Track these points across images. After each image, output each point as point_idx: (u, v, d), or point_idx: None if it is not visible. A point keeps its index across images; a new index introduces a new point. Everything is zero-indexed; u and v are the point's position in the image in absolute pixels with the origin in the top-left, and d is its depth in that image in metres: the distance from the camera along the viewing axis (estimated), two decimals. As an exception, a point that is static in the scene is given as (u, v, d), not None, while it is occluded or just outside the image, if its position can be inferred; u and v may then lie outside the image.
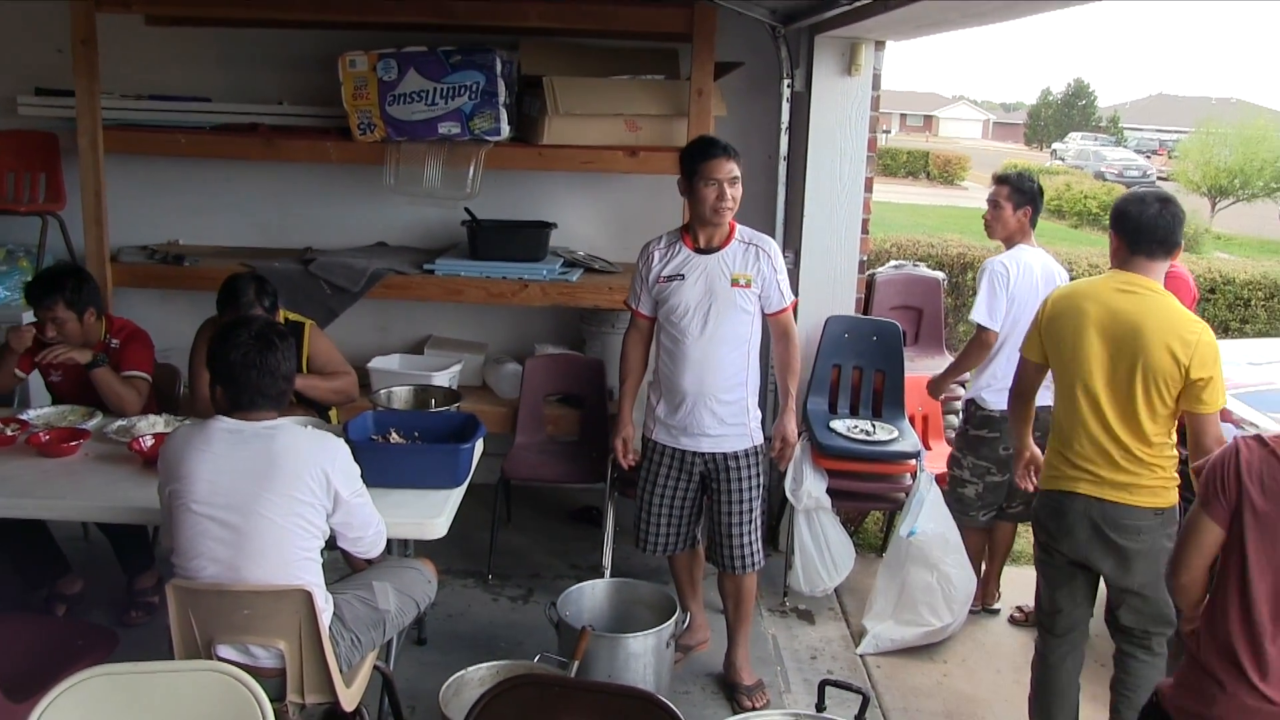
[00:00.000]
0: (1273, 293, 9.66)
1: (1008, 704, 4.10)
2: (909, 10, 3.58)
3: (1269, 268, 10.07)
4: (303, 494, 2.81)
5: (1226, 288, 9.68)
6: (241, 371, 2.84)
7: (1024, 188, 4.40)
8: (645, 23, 4.79)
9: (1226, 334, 9.24)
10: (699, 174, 3.60)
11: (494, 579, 4.79)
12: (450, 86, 4.75)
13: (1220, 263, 10.52)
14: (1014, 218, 4.39)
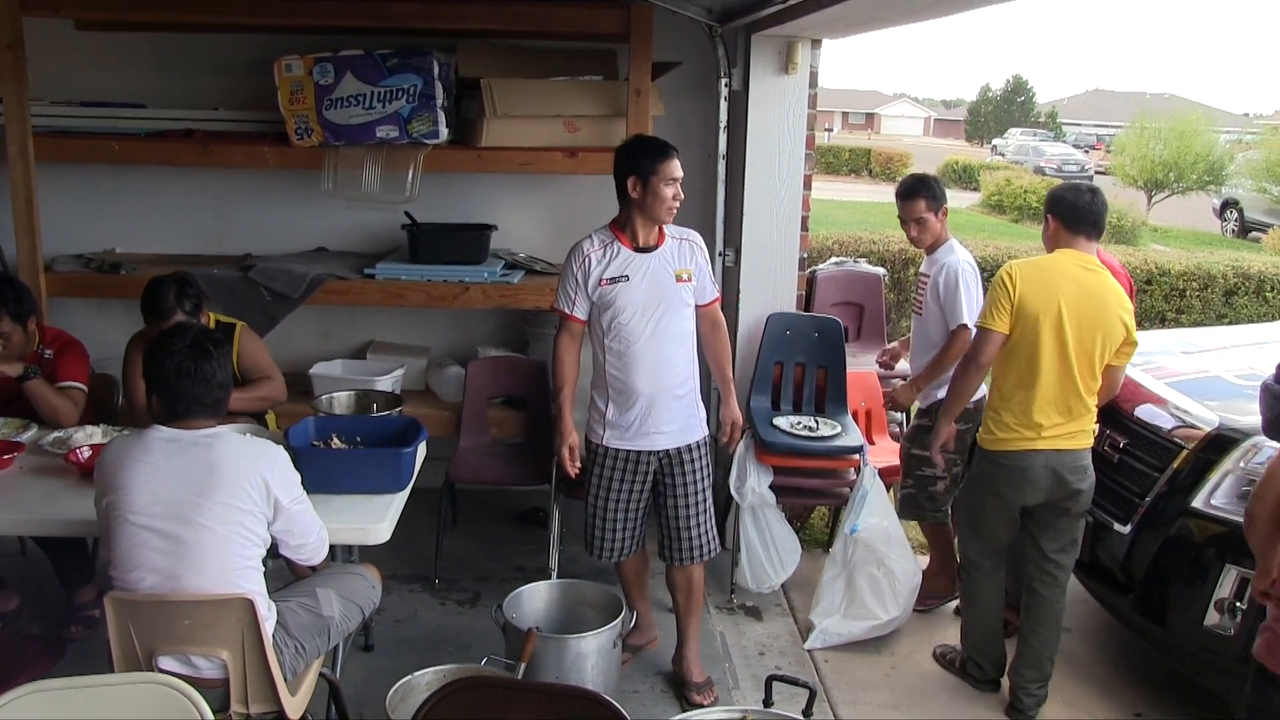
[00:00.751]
0: (1206, 283, 9.88)
1: (955, 694, 4.15)
2: (843, 8, 3.61)
3: (1202, 259, 10.29)
4: (243, 502, 2.79)
5: (1162, 279, 9.88)
6: (177, 380, 2.82)
7: (936, 192, 4.43)
8: (582, 24, 4.80)
9: (1163, 324, 9.45)
10: (657, 174, 3.59)
11: (440, 583, 4.78)
12: (387, 90, 4.72)
13: (1156, 255, 10.74)
14: (939, 221, 4.43)
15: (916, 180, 4.53)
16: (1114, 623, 4.44)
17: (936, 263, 4.41)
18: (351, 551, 3.91)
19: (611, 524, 3.91)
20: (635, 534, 3.97)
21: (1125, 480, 4.15)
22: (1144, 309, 9.72)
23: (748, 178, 4.87)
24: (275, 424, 4.36)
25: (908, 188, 4.45)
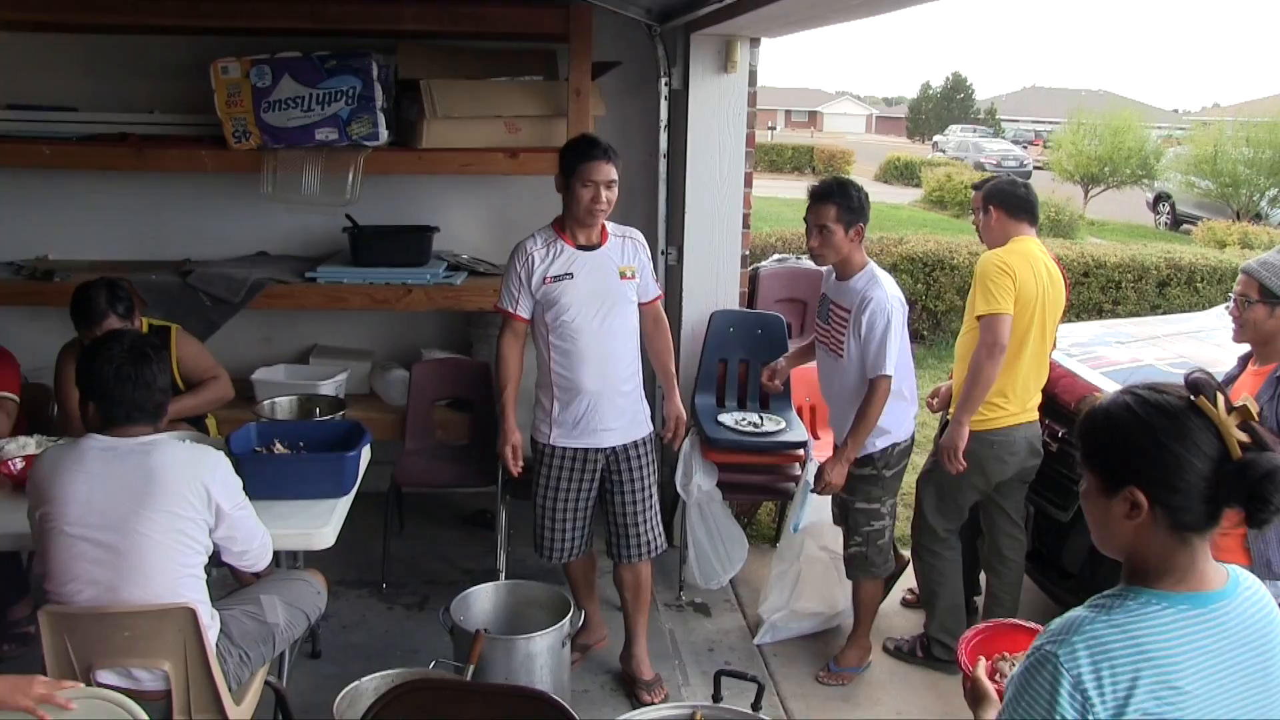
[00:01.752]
0: (1141, 275, 10.05)
1: (903, 686, 4.20)
2: (778, 7, 3.65)
3: (1136, 251, 10.47)
4: (183, 509, 2.75)
5: (1099, 271, 10.03)
6: (115, 386, 2.77)
7: (854, 204, 3.79)
8: (522, 24, 4.78)
9: (1100, 315, 9.58)
10: (576, 174, 3.61)
11: (388, 587, 4.75)
12: (326, 92, 4.68)
13: (1093, 248, 10.90)
14: (848, 241, 3.82)
15: (835, 183, 3.84)
16: (1058, 610, 4.50)
17: (857, 295, 3.79)
18: (296, 558, 3.88)
19: (560, 524, 3.91)
20: (583, 533, 3.97)
21: (1064, 469, 4.22)
22: (1082, 301, 9.88)
23: (689, 176, 4.90)
24: (217, 430, 4.31)
25: (823, 188, 3.81)
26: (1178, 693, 1.55)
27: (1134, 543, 1.64)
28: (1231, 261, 10.17)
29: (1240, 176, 21.38)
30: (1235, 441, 1.58)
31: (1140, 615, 1.59)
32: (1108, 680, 1.54)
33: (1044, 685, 1.58)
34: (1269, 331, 3.26)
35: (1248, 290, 3.28)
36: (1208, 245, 14.68)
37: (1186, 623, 1.59)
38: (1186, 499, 1.59)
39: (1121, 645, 1.56)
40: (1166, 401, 1.62)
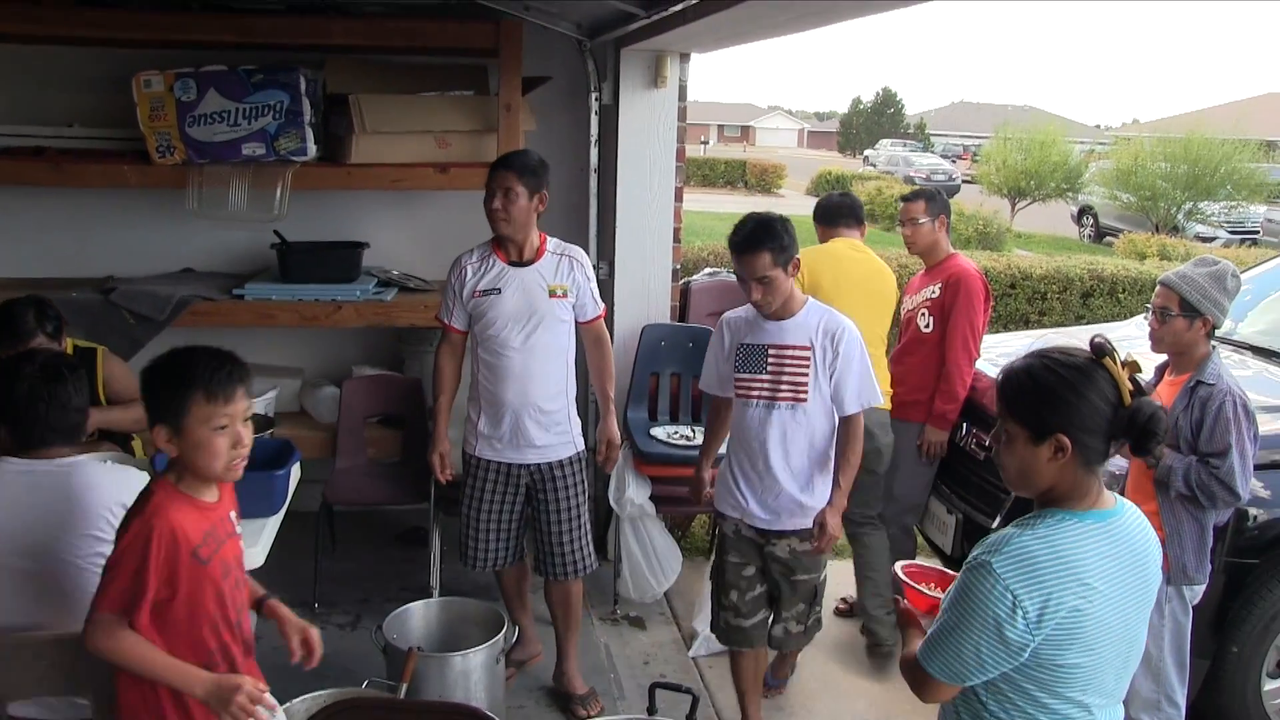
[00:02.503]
0: (1065, 286, 10.24)
1: (836, 692, 4.25)
2: (706, 23, 3.68)
3: (1061, 263, 10.66)
4: (105, 532, 2.69)
5: (1025, 283, 10.20)
6: (29, 407, 2.70)
7: (785, 240, 3.33)
8: (452, 38, 4.78)
9: (1027, 325, 9.76)
10: (488, 186, 3.68)
11: (320, 607, 4.69)
12: (253, 106, 4.63)
13: (1019, 259, 11.07)
14: (789, 277, 3.39)
15: (759, 227, 3.33)
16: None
17: (815, 327, 3.38)
18: (225, 579, 3.81)
19: (484, 533, 3.91)
20: (509, 545, 3.96)
21: (991, 476, 4.30)
22: (1009, 312, 10.04)
23: (619, 191, 4.92)
24: (143, 451, 4.23)
25: (749, 238, 3.30)
26: (1090, 589, 1.89)
27: (1054, 480, 1.97)
28: (1151, 273, 10.41)
29: (1159, 190, 21.96)
30: (1128, 390, 1.94)
31: (1059, 529, 1.93)
32: (1034, 584, 1.87)
33: (979, 589, 1.90)
34: (1187, 343, 3.36)
35: (1168, 303, 3.36)
36: (1129, 257, 15.01)
37: (1093, 533, 1.94)
38: (1096, 438, 1.93)
39: (1045, 553, 1.89)
40: (1078, 361, 1.97)
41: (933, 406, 4.45)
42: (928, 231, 4.50)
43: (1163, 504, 3.28)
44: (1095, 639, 1.92)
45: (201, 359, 2.36)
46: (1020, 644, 1.89)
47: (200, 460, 2.36)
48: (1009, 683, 1.97)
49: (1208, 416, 3.23)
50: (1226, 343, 4.72)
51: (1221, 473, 3.18)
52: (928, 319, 4.48)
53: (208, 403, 2.32)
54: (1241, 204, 22.30)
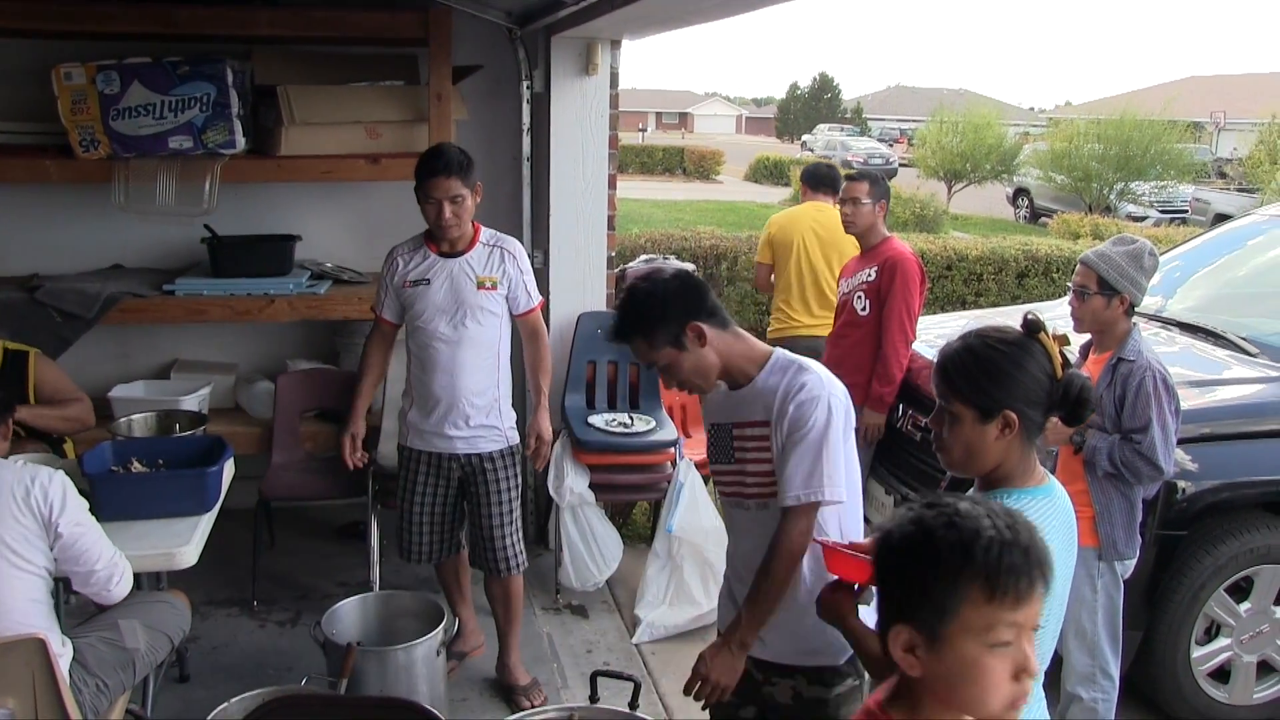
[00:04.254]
0: (1001, 267, 10.39)
1: (777, 675, 4.27)
2: (636, 8, 3.66)
3: (996, 244, 10.81)
4: (16, 532, 2.64)
5: (961, 264, 10.34)
6: None
7: (685, 307, 2.52)
8: (380, 28, 4.73)
9: (964, 306, 9.89)
10: (421, 190, 3.62)
11: (259, 604, 4.65)
12: (179, 99, 4.54)
13: (955, 241, 11.21)
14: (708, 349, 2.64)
15: (621, 316, 2.57)
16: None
17: (775, 390, 2.50)
18: (160, 579, 3.77)
19: (418, 525, 3.91)
20: (444, 538, 3.95)
21: (928, 457, 4.36)
22: (945, 294, 10.17)
23: (553, 179, 4.90)
24: (74, 452, 4.16)
25: (620, 326, 2.56)
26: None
27: (1000, 458, 1.99)
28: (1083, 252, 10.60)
29: (1091, 171, 22.29)
30: (1059, 364, 1.99)
31: (1021, 508, 1.77)
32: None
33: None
34: (1106, 321, 3.40)
35: (1086, 282, 3.41)
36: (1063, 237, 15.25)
37: (1046, 509, 1.96)
38: (1038, 412, 1.99)
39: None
40: (1014, 337, 2.01)
41: (870, 389, 4.49)
42: (868, 212, 4.55)
43: (1091, 483, 3.34)
44: (1049, 613, 1.91)
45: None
46: None
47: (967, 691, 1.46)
48: None
49: (1129, 392, 3.28)
50: (1156, 320, 4.81)
51: (1144, 448, 3.24)
52: (864, 302, 4.52)
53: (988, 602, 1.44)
54: (1171, 184, 22.71)
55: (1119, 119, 22.66)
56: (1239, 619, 3.91)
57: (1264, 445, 3.93)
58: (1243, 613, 3.91)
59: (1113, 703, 3.49)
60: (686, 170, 34.31)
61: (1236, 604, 3.90)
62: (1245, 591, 3.91)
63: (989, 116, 26.67)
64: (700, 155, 34.60)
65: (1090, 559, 3.35)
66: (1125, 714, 3.63)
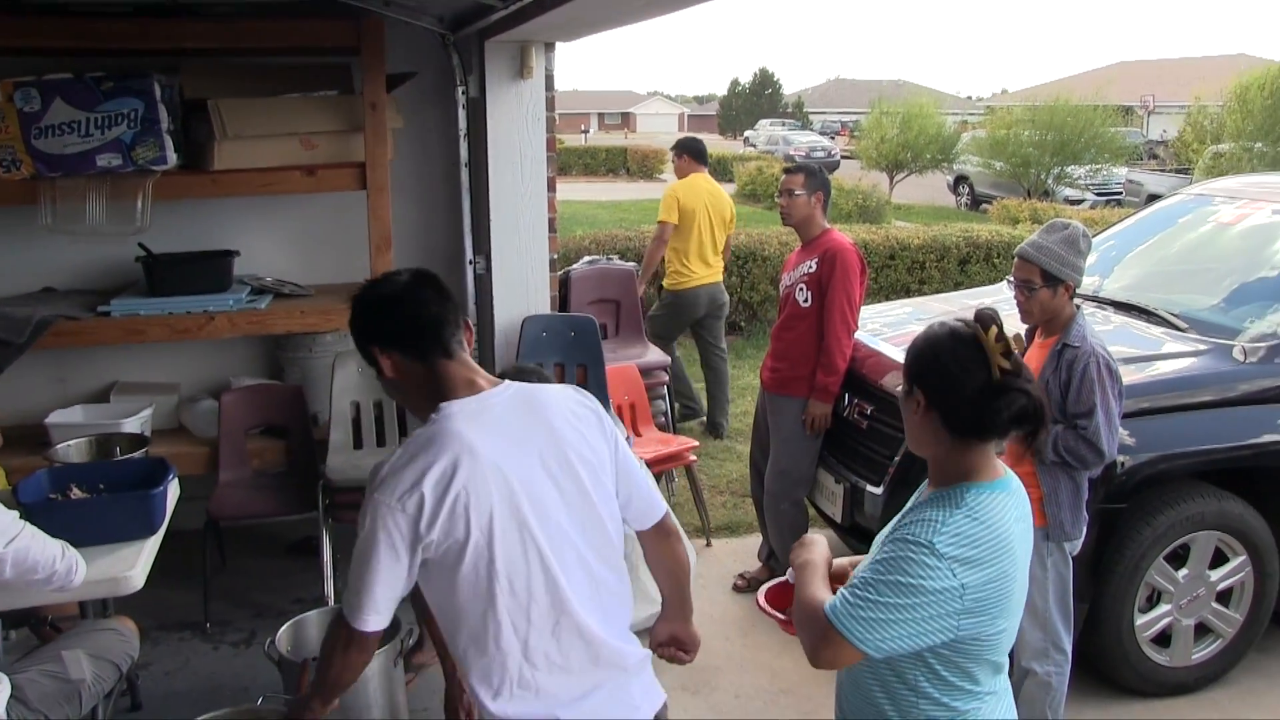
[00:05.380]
0: (943, 254, 10.51)
1: (739, 667, 4.29)
2: (566, 10, 3.66)
3: (937, 232, 10.93)
4: None
5: (904, 253, 10.44)
6: None
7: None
8: (311, 38, 4.68)
9: (908, 294, 9.97)
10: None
11: (212, 626, 4.58)
12: (105, 116, 4.45)
13: (897, 231, 11.31)
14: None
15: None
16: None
17: None
18: (107, 606, 3.70)
19: None
20: None
21: (875, 445, 4.39)
22: (890, 282, 10.25)
23: (491, 184, 4.88)
24: (6, 481, 4.07)
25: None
26: (1016, 557, 1.98)
27: (933, 445, 2.04)
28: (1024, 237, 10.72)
29: (1029, 157, 22.60)
30: (996, 366, 1.96)
31: (983, 504, 1.98)
32: (976, 561, 1.92)
33: (922, 569, 1.91)
34: (1053, 310, 3.44)
35: (1029, 276, 3.43)
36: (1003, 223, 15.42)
37: (1007, 502, 2.01)
38: (963, 407, 1.98)
39: (983, 532, 1.94)
40: (966, 330, 2.01)
41: (814, 380, 4.51)
42: (803, 204, 4.57)
43: (1038, 465, 3.37)
44: (1016, 603, 2.01)
45: None
46: (950, 623, 1.92)
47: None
48: (943, 661, 1.99)
49: (1074, 378, 3.32)
50: (1093, 300, 4.88)
51: (1089, 433, 3.28)
52: (806, 294, 4.54)
53: None
54: (1105, 167, 23.08)
55: (1053, 105, 22.99)
56: (1177, 585, 4.00)
57: (1196, 417, 4.02)
58: (1181, 579, 4.00)
59: (1065, 675, 3.55)
60: (630, 170, 34.32)
61: (1175, 571, 3.99)
62: (1182, 559, 4.00)
63: (927, 106, 26.94)
64: (643, 155, 34.60)
65: (1039, 538, 3.39)
66: (1074, 684, 3.68)
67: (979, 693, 2.04)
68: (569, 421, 2.22)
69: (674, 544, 2.50)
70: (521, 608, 2.11)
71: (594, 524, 2.20)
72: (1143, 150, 29.97)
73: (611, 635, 2.23)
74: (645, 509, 2.39)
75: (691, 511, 5.46)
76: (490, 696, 2.14)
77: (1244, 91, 19.91)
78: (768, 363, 4.76)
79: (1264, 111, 19.25)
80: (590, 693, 2.18)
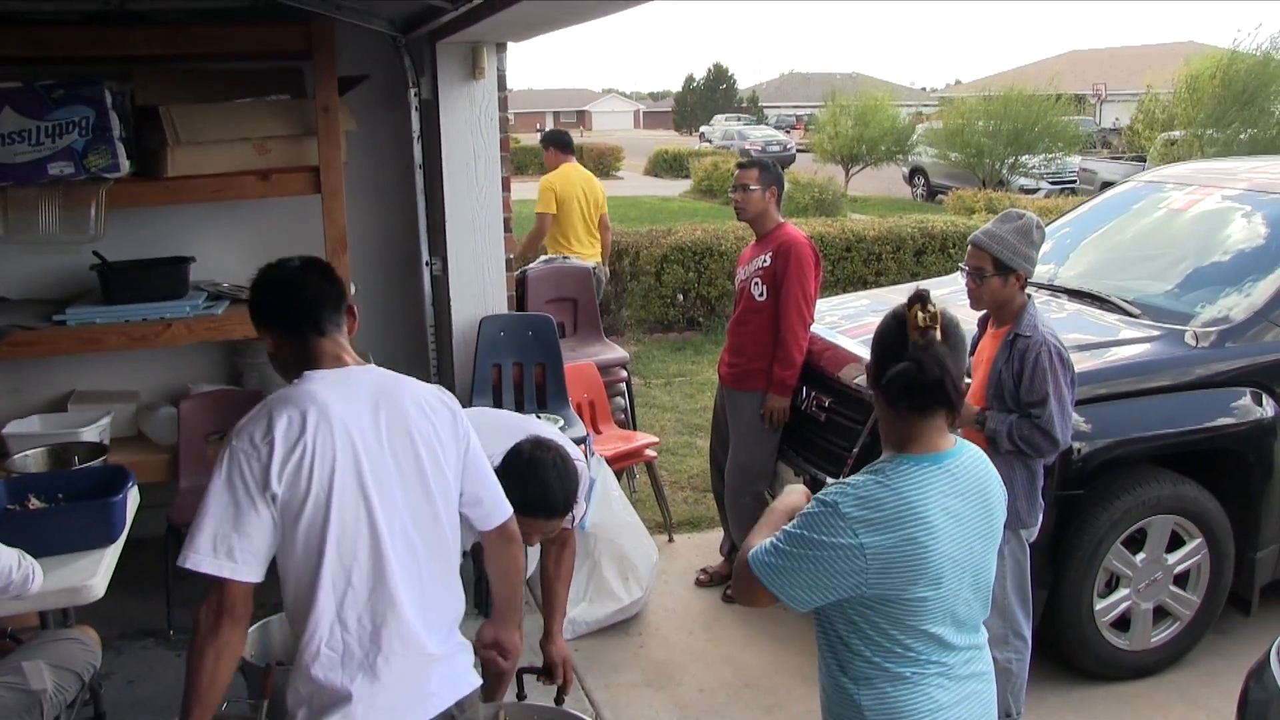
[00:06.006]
0: (898, 246, 10.60)
1: (702, 662, 4.33)
2: (514, 11, 3.68)
3: (893, 224, 11.03)
4: None
5: (860, 245, 10.52)
6: None
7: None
8: (261, 43, 4.66)
9: (865, 286, 10.06)
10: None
11: (175, 634, 4.56)
12: (56, 124, 4.42)
13: (853, 224, 11.40)
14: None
15: None
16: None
17: None
18: (68, 615, 3.68)
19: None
20: None
21: (833, 436, 4.44)
22: (847, 275, 10.34)
23: (446, 185, 4.89)
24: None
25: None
26: (931, 527, 2.08)
27: (892, 422, 2.19)
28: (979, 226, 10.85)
29: (984, 147, 22.82)
30: (911, 335, 2.11)
31: (899, 473, 2.12)
32: (875, 524, 2.06)
33: (825, 524, 2.09)
34: (1004, 299, 3.49)
35: (981, 263, 3.48)
36: (958, 213, 15.61)
37: (932, 474, 2.13)
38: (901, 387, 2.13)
39: (888, 497, 2.09)
40: (900, 311, 2.17)
41: (772, 374, 4.56)
42: (758, 199, 4.60)
43: (993, 454, 3.43)
44: (940, 572, 2.10)
45: None
46: (855, 580, 2.07)
47: None
48: (865, 619, 2.14)
49: (1026, 367, 3.37)
50: (1047, 288, 4.96)
51: (1042, 421, 3.33)
52: (761, 288, 4.59)
53: None
54: (1059, 156, 23.35)
55: (1006, 95, 23.21)
56: (1135, 569, 4.06)
57: (1151, 402, 4.09)
58: (1139, 563, 4.06)
59: (1025, 662, 3.61)
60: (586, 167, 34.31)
61: (1133, 555, 4.05)
62: (1140, 543, 4.07)
63: (881, 99, 27.13)
64: (599, 152, 34.55)
65: None
66: (1035, 669, 3.75)
67: (920, 660, 2.15)
68: (423, 410, 2.37)
69: (514, 549, 2.66)
70: (344, 569, 2.24)
71: (427, 508, 2.35)
72: (1096, 138, 30.35)
73: (420, 616, 2.33)
74: (490, 511, 2.55)
75: (653, 507, 5.50)
76: (304, 652, 2.29)
77: (1193, 80, 20.20)
78: (725, 358, 4.81)
79: (1213, 99, 19.54)
80: (387, 669, 2.27)
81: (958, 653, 2.19)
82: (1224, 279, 4.58)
